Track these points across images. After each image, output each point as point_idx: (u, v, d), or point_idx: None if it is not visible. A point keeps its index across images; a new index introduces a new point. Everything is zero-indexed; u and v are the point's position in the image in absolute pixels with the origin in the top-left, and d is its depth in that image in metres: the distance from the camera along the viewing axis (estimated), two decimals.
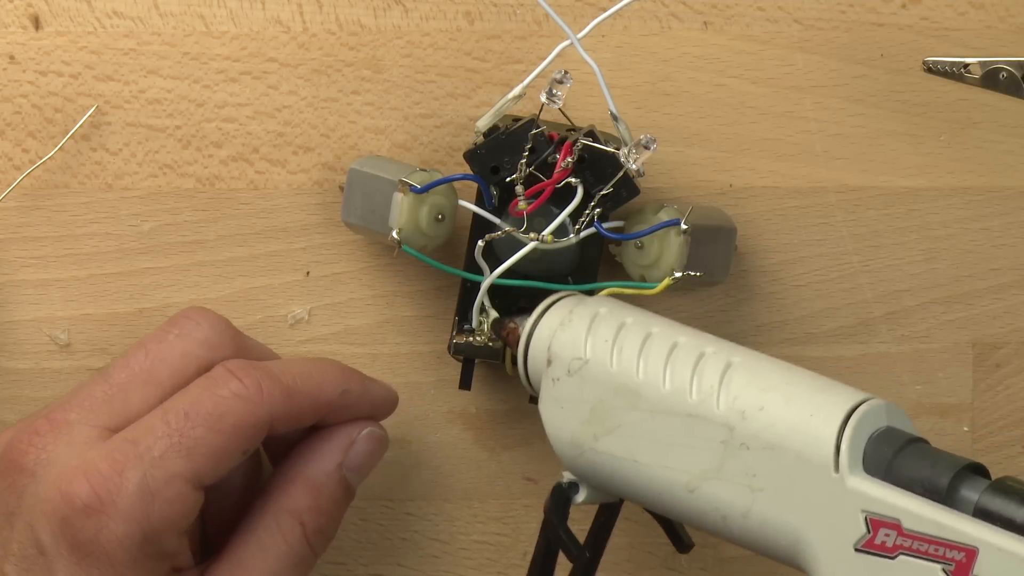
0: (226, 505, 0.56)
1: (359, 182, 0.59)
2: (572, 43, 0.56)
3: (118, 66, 0.61)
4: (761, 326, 0.62)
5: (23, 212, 0.61)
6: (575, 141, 0.57)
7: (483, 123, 0.57)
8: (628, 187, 0.57)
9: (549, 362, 0.55)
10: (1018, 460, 0.63)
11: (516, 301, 0.59)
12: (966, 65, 0.60)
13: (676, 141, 0.62)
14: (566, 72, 0.56)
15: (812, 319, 0.63)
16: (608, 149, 0.57)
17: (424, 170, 0.58)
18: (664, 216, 0.57)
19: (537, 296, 0.58)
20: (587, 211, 0.57)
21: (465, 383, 0.60)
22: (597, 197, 0.57)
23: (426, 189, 0.57)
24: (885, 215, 0.62)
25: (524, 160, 0.57)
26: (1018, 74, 0.60)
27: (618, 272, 0.59)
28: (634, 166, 0.56)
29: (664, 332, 0.53)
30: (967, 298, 0.63)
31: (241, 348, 0.55)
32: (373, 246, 0.62)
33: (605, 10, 0.61)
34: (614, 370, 0.53)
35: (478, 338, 0.59)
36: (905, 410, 0.63)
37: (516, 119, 0.58)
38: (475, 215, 0.58)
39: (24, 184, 0.61)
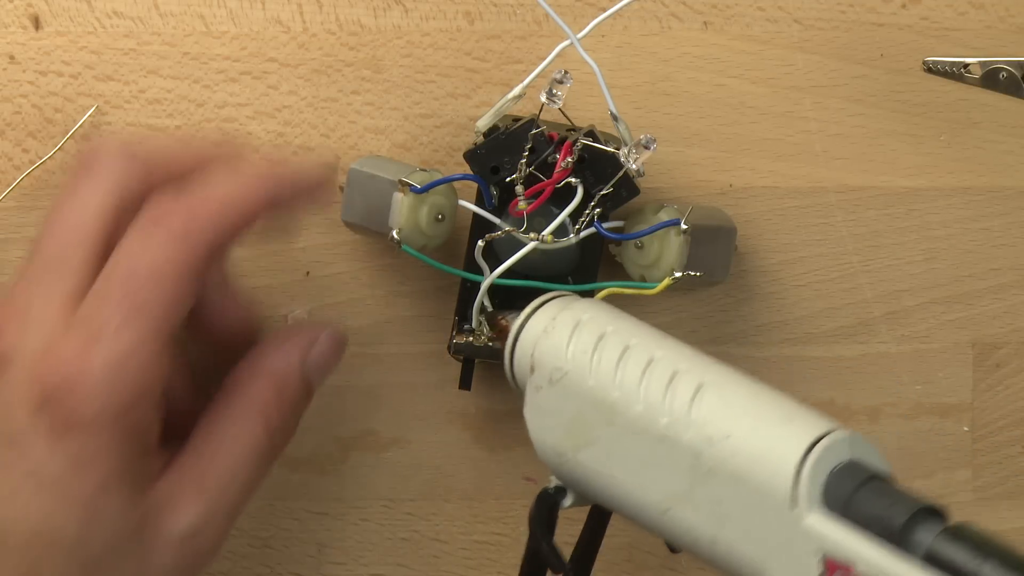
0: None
1: (359, 182, 0.59)
2: (572, 43, 0.56)
3: (118, 66, 0.61)
4: (761, 326, 0.62)
5: (23, 212, 0.61)
6: (575, 141, 0.57)
7: (483, 123, 0.57)
8: (628, 187, 0.57)
9: (532, 369, 0.54)
10: (1018, 460, 0.63)
11: (516, 301, 0.59)
12: (966, 65, 0.60)
13: (676, 141, 0.62)
14: (566, 72, 0.56)
15: (812, 319, 0.63)
16: (608, 149, 0.57)
17: (424, 170, 0.58)
18: (664, 216, 0.57)
19: (536, 296, 0.58)
20: (587, 211, 0.57)
21: (465, 383, 0.60)
22: (597, 197, 0.57)
23: (426, 189, 0.57)
24: (885, 215, 0.62)
25: (524, 160, 0.57)
26: (1018, 74, 0.60)
27: (618, 272, 0.59)
28: (634, 166, 0.56)
29: (642, 345, 0.52)
30: (967, 298, 0.63)
31: (150, 167, 0.54)
32: (373, 246, 0.62)
33: (605, 10, 0.61)
34: (591, 384, 0.52)
35: (478, 338, 0.59)
36: (905, 410, 0.63)
37: (516, 119, 0.58)
38: (475, 215, 0.58)
39: (24, 184, 0.61)
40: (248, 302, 0.58)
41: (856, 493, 0.47)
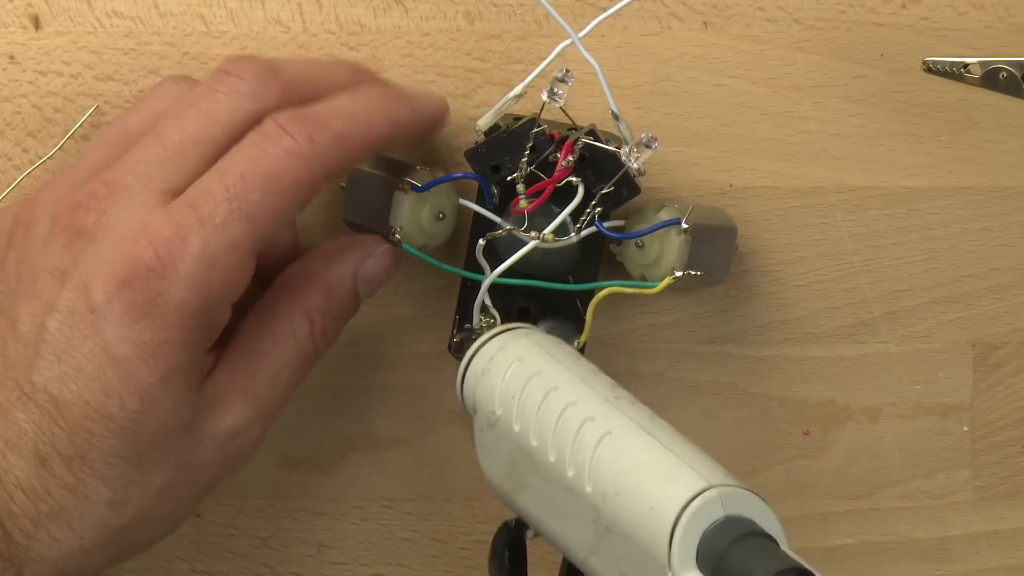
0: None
1: (360, 181, 0.59)
2: (573, 42, 0.56)
3: (118, 66, 0.61)
4: (761, 326, 0.62)
5: None
6: (576, 140, 0.57)
7: (484, 122, 0.57)
8: (629, 186, 0.57)
9: (475, 410, 0.54)
10: (1018, 460, 0.63)
11: (517, 300, 0.59)
12: (966, 65, 0.60)
13: (676, 141, 0.62)
14: (567, 71, 0.56)
15: (812, 319, 0.63)
16: (609, 148, 0.57)
17: (425, 169, 0.58)
18: (665, 215, 0.57)
19: (537, 295, 0.58)
20: (588, 210, 0.57)
21: None
22: (598, 196, 0.57)
23: (427, 187, 0.57)
24: (885, 215, 0.62)
25: (525, 159, 0.57)
26: (1018, 74, 0.60)
27: (619, 271, 0.59)
28: (635, 165, 0.56)
29: (564, 389, 0.51)
30: (967, 298, 0.63)
31: (287, 87, 0.55)
32: None
33: (605, 10, 0.61)
34: (517, 431, 0.52)
35: (479, 337, 0.59)
36: (905, 410, 0.63)
37: (517, 118, 0.58)
38: (476, 214, 0.58)
39: (24, 184, 0.61)
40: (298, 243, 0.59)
41: (727, 552, 0.46)
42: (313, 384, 0.60)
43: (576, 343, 0.58)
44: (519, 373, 0.53)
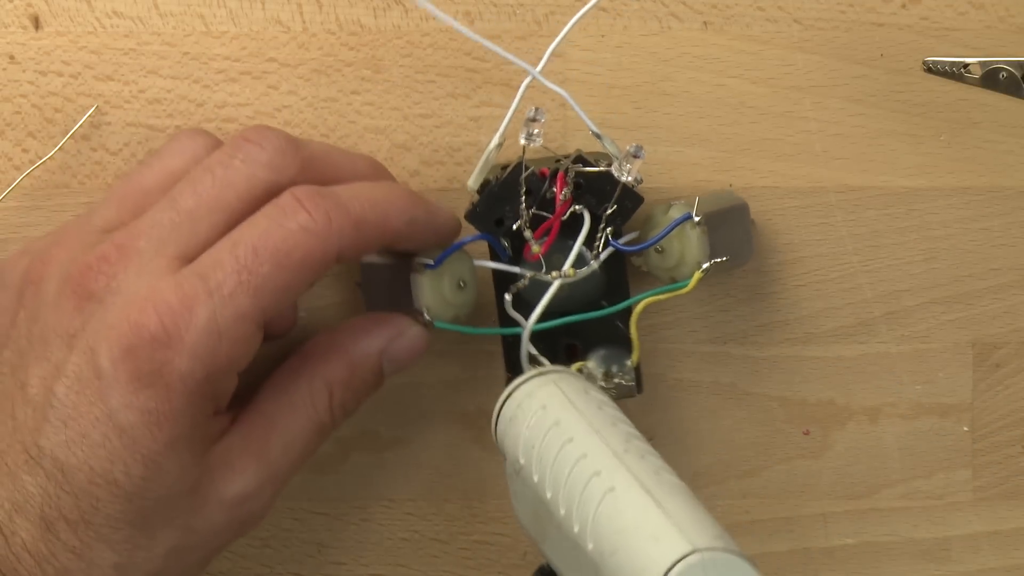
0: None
1: (373, 273, 0.59)
2: (533, 76, 0.56)
3: (118, 66, 0.61)
4: (761, 326, 0.62)
5: (23, 212, 0.61)
6: (567, 170, 0.57)
7: (473, 182, 0.57)
8: (631, 198, 0.57)
9: (504, 456, 0.54)
10: (1018, 460, 0.63)
11: (560, 340, 0.59)
12: (966, 65, 0.60)
13: (676, 141, 0.62)
14: (537, 109, 0.55)
15: (812, 319, 0.63)
16: (600, 168, 0.57)
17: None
18: (675, 214, 0.57)
19: (578, 329, 0.58)
20: (599, 233, 0.57)
21: None
22: (604, 217, 0.57)
23: (440, 262, 0.56)
24: (885, 215, 0.62)
25: (524, 204, 0.57)
26: (1018, 74, 0.60)
27: (648, 281, 0.59)
28: (629, 177, 0.56)
29: (578, 441, 0.51)
30: (967, 298, 0.63)
31: (307, 164, 0.55)
32: None
33: (605, 10, 0.61)
34: (536, 481, 0.51)
35: None
36: (905, 410, 0.63)
37: (504, 167, 0.57)
38: (495, 271, 0.58)
39: (24, 184, 0.61)
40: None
41: None
42: None
43: (628, 363, 0.58)
44: (541, 423, 0.52)
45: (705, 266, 0.57)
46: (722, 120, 0.62)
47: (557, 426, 0.52)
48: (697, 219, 0.57)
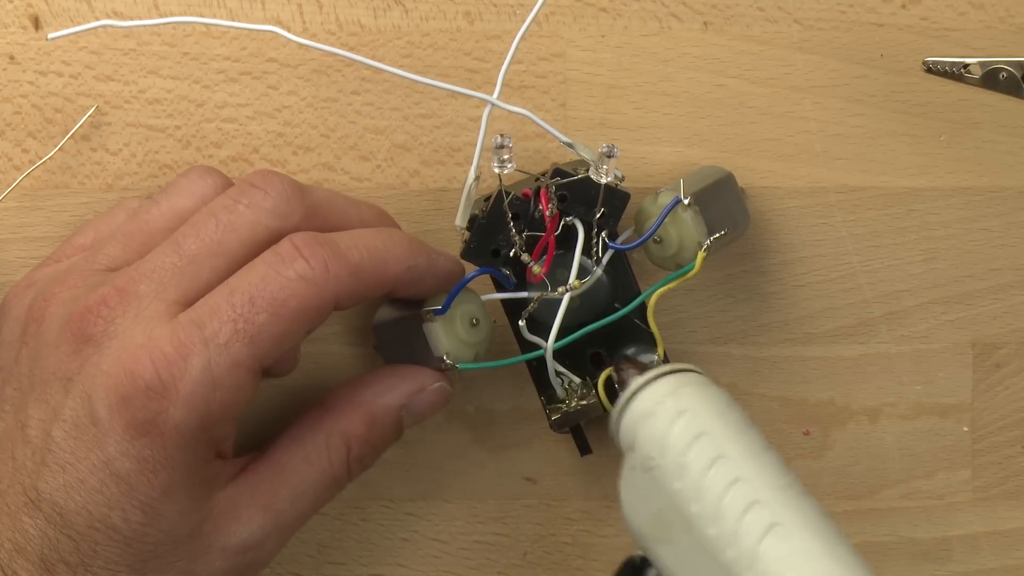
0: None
1: (386, 331, 0.59)
2: (491, 105, 0.56)
3: (118, 66, 0.61)
4: (761, 326, 0.62)
5: (23, 212, 0.61)
6: (548, 186, 0.57)
7: (460, 219, 0.57)
8: (617, 196, 0.57)
9: (632, 448, 0.53)
10: (1018, 460, 0.63)
11: (584, 350, 0.59)
12: (966, 65, 0.60)
13: (676, 141, 0.62)
14: (502, 135, 0.56)
15: (812, 319, 0.63)
16: (579, 175, 0.57)
17: None
18: (664, 200, 0.57)
19: (599, 336, 0.58)
20: (595, 239, 0.57)
21: (584, 448, 0.60)
22: (596, 222, 0.57)
23: (447, 306, 0.56)
24: (885, 215, 0.62)
25: (514, 230, 0.57)
26: (1018, 74, 0.60)
27: (655, 272, 0.59)
28: (608, 177, 0.56)
29: (733, 458, 0.50)
30: (967, 298, 0.63)
31: (311, 211, 0.55)
32: None
33: (605, 10, 0.61)
34: (678, 487, 0.50)
35: (569, 404, 0.59)
36: (905, 410, 0.63)
37: (486, 198, 0.58)
38: (503, 301, 0.58)
39: (24, 184, 0.61)
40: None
41: None
42: (313, 384, 0.60)
43: (656, 357, 0.58)
44: (687, 428, 0.51)
45: (706, 244, 0.57)
46: (722, 120, 0.62)
47: (708, 437, 0.51)
48: (686, 201, 0.57)
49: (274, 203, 0.54)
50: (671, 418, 0.51)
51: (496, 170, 0.56)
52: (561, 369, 0.58)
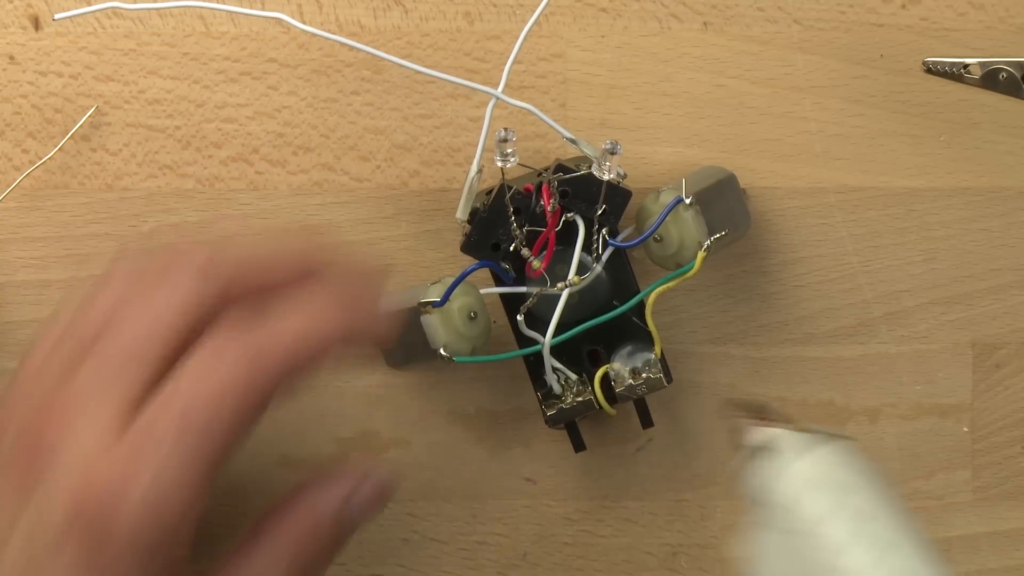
0: None
1: None
2: (496, 99, 0.56)
3: (118, 66, 0.61)
4: (761, 326, 0.62)
5: (23, 212, 0.61)
6: (550, 181, 0.57)
7: (461, 212, 0.57)
8: (619, 194, 0.57)
9: (764, 503, 0.51)
10: (1018, 460, 0.63)
11: (580, 347, 0.59)
12: (966, 65, 0.60)
13: (676, 141, 0.62)
14: (506, 129, 0.56)
15: (812, 319, 0.63)
16: (582, 172, 0.57)
17: (436, 283, 0.58)
18: (666, 200, 0.57)
19: (596, 334, 0.58)
20: (596, 236, 0.57)
21: (579, 445, 0.60)
22: (597, 218, 0.57)
23: (446, 298, 0.56)
24: (885, 215, 0.62)
25: (515, 224, 0.57)
26: (1018, 74, 0.60)
27: (654, 271, 0.59)
28: (611, 174, 0.56)
29: (903, 552, 0.48)
30: (967, 298, 0.63)
31: (234, 276, 0.53)
32: (371, 247, 0.62)
33: (605, 10, 0.61)
34: (839, 564, 0.48)
35: (565, 400, 0.59)
36: (905, 410, 0.63)
37: (488, 192, 0.58)
38: (502, 296, 0.58)
39: (24, 184, 0.61)
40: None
41: None
42: (313, 384, 0.60)
43: (653, 356, 0.59)
44: (861, 509, 0.50)
45: (706, 244, 0.57)
46: (722, 120, 0.62)
47: (876, 521, 0.49)
48: (688, 200, 0.57)
49: (191, 284, 0.53)
50: (839, 492, 0.50)
51: (499, 164, 0.56)
52: (558, 365, 0.58)
